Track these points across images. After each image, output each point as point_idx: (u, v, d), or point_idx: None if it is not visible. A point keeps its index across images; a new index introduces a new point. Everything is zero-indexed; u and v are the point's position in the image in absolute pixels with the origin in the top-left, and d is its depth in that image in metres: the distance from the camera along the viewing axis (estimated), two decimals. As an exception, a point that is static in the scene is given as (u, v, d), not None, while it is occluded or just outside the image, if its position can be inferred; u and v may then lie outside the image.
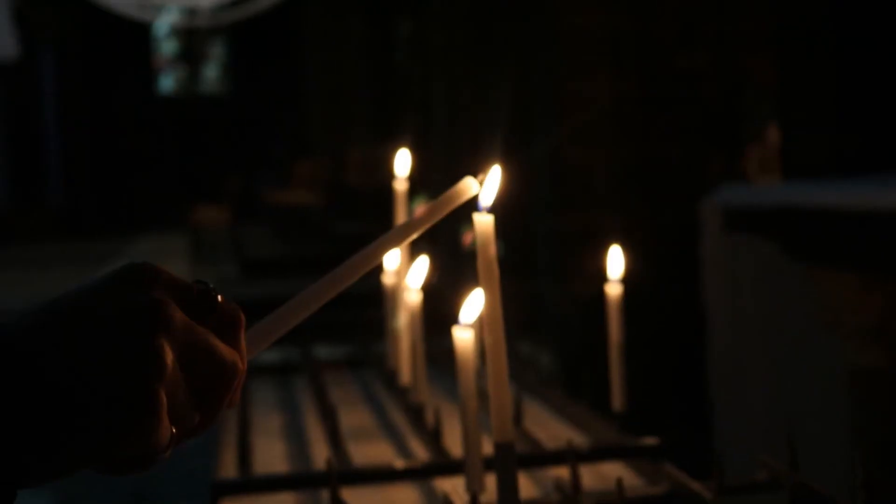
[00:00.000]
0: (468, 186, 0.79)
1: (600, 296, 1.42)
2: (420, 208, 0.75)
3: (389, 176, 1.58)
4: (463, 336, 0.99)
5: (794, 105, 3.56)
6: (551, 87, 4.36)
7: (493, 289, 0.87)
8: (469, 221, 0.85)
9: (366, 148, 11.46)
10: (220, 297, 0.65)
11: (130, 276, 0.62)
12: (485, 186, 0.81)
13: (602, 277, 1.41)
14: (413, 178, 1.59)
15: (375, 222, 9.70)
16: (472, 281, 0.99)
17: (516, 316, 4.41)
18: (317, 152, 14.39)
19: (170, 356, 0.59)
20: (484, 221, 0.83)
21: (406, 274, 1.52)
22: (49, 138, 17.25)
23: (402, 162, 1.57)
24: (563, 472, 1.31)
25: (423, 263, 1.49)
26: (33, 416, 0.56)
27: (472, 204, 0.86)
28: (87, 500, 4.48)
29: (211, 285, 0.65)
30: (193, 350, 0.61)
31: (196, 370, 0.61)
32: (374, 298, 1.75)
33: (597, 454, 1.42)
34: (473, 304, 0.97)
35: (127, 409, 0.57)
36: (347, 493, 1.22)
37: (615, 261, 1.40)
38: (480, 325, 1.01)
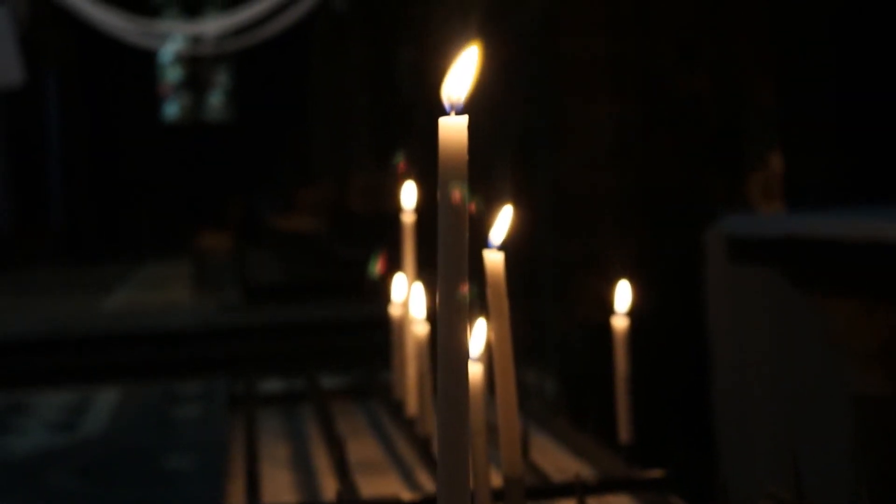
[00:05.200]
0: None
1: (604, 322, 1.43)
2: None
3: (392, 202, 1.59)
4: (472, 370, 1.00)
5: (797, 130, 3.58)
6: (553, 110, 4.38)
7: (503, 325, 0.88)
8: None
9: (369, 174, 11.49)
10: None
11: None
12: (496, 224, 0.82)
13: (606, 303, 1.42)
14: (420, 210, 1.60)
15: (378, 248, 9.69)
16: (478, 310, 1.00)
17: (520, 343, 4.41)
18: (320, 178, 14.43)
19: None
20: (494, 259, 0.84)
21: (412, 306, 1.53)
22: (52, 163, 17.30)
23: (409, 194, 1.58)
24: (570, 504, 1.31)
25: (422, 291, 1.50)
26: None
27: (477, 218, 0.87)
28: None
29: None
30: None
31: None
32: (378, 324, 1.75)
33: (604, 486, 1.43)
34: (478, 334, 0.98)
35: None
36: (356, 526, 1.23)
37: (622, 293, 1.40)
38: (488, 358, 1.02)
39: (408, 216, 1.59)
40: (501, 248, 0.86)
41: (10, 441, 5.77)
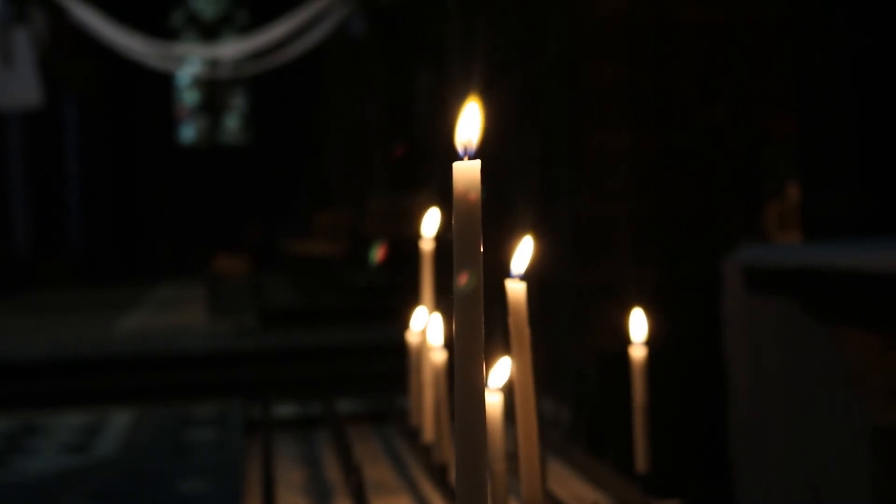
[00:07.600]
0: None
1: (621, 351, 1.42)
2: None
3: (409, 227, 1.60)
4: (491, 400, 1.00)
5: (815, 162, 3.57)
6: (573, 140, 4.38)
7: (524, 354, 0.88)
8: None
9: (386, 199, 11.51)
10: None
11: None
12: (516, 256, 0.83)
13: (622, 332, 1.41)
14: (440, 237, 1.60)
15: (395, 273, 9.71)
16: (498, 341, 1.00)
17: (537, 371, 4.40)
18: (337, 203, 14.46)
19: None
20: (516, 289, 0.85)
21: (430, 333, 1.53)
22: (71, 186, 17.39)
23: (431, 221, 1.58)
24: (587, 533, 1.31)
25: (440, 318, 1.50)
26: None
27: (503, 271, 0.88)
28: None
29: None
30: None
31: None
32: (394, 350, 1.76)
33: (621, 516, 1.42)
34: (502, 369, 0.98)
35: None
36: (373, 553, 1.22)
37: (638, 323, 1.40)
38: (507, 386, 1.02)
39: (427, 244, 1.59)
40: (523, 278, 0.86)
41: (24, 462, 5.77)
